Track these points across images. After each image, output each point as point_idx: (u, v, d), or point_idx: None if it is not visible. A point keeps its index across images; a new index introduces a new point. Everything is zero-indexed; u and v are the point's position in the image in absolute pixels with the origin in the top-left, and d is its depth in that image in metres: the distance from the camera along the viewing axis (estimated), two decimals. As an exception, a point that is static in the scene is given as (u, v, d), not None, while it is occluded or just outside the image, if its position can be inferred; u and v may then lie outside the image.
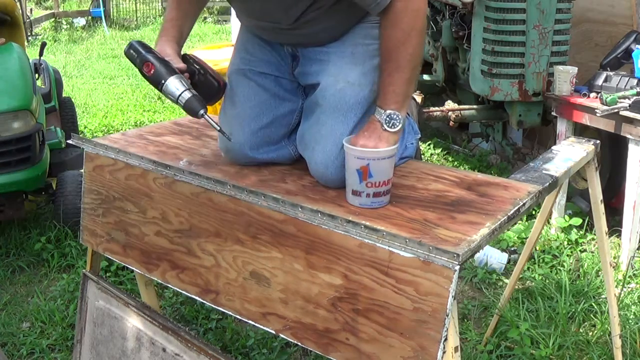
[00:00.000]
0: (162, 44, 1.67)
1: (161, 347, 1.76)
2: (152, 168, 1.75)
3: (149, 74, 1.57)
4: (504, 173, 3.95)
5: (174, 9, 1.73)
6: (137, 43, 1.62)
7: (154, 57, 1.59)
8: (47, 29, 10.31)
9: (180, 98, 1.55)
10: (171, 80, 1.56)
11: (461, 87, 4.18)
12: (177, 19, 1.72)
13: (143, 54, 1.59)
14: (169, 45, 1.66)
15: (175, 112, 5.72)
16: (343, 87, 1.56)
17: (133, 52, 1.61)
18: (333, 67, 1.58)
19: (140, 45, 1.61)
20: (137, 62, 1.60)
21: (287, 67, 1.70)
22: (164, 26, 1.72)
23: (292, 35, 1.63)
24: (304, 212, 1.44)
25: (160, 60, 1.59)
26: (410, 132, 1.82)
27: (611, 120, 3.01)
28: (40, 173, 3.11)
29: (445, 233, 1.32)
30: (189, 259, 1.68)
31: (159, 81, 1.56)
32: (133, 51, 1.61)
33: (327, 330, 1.41)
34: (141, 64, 1.58)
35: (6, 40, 3.63)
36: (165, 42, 1.67)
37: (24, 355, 2.48)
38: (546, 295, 2.76)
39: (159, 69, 1.57)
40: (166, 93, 1.56)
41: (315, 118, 1.59)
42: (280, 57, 1.70)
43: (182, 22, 1.72)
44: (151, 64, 1.57)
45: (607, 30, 3.79)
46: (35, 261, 3.17)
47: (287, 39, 1.65)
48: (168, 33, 1.70)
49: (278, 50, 1.70)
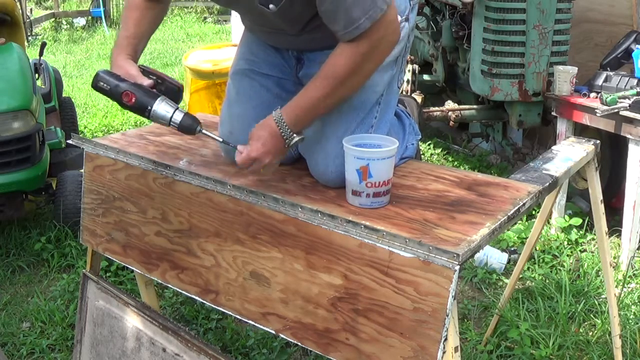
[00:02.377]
0: (122, 62, 1.59)
1: (161, 347, 1.76)
2: (152, 168, 1.75)
3: (130, 103, 1.49)
4: (504, 173, 3.95)
5: (133, 26, 1.65)
6: (104, 73, 1.53)
7: (128, 84, 1.50)
8: (47, 29, 10.30)
9: (173, 120, 1.50)
10: (157, 105, 1.49)
11: (461, 87, 4.18)
12: (134, 37, 1.64)
13: (116, 84, 1.50)
14: (129, 64, 1.58)
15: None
16: None
17: (104, 84, 1.51)
18: None
19: (108, 75, 1.52)
20: (113, 94, 1.50)
21: (291, 70, 1.70)
22: (120, 42, 1.63)
23: (297, 41, 1.62)
24: (304, 212, 1.44)
25: (137, 86, 1.51)
26: (411, 133, 1.82)
27: (611, 120, 3.01)
28: (40, 173, 3.11)
29: (445, 233, 1.32)
30: (189, 259, 1.68)
31: (145, 108, 1.49)
32: (104, 83, 1.51)
33: (327, 330, 1.41)
34: (119, 96, 1.49)
35: (6, 40, 3.63)
36: (124, 60, 1.59)
37: (24, 355, 2.48)
38: (546, 295, 2.76)
39: (141, 96, 1.49)
40: (155, 118, 1.50)
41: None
42: (284, 60, 1.70)
43: (138, 41, 1.65)
44: (130, 92, 1.49)
45: (607, 30, 3.79)
46: (35, 261, 3.16)
47: (292, 44, 1.65)
48: (125, 50, 1.62)
49: (282, 53, 1.69)
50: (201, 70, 4.25)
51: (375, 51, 1.43)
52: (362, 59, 1.42)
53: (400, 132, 1.78)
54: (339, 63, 1.43)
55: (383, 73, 1.60)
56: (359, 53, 1.41)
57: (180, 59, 6.52)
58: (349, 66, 1.42)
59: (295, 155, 1.71)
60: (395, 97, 1.70)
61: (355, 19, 1.36)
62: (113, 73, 1.53)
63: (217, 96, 4.19)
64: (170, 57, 8.13)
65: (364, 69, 1.45)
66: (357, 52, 1.41)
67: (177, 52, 8.29)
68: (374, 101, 1.59)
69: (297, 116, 1.47)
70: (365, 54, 1.41)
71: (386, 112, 1.65)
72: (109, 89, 1.50)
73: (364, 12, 1.36)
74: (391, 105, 1.68)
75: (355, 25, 1.37)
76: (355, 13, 1.36)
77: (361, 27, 1.37)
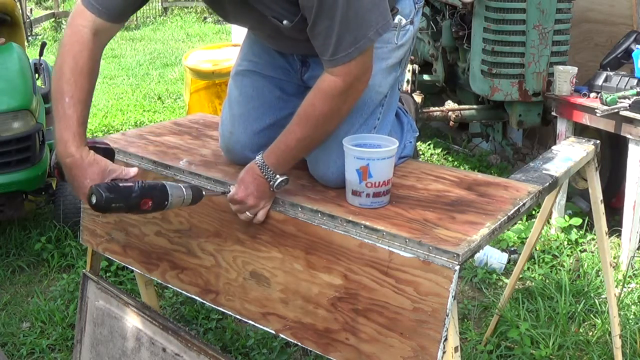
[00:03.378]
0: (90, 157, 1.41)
1: (161, 347, 1.76)
2: (152, 168, 1.75)
3: (149, 208, 1.38)
4: (504, 173, 3.95)
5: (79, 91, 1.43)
6: (104, 190, 1.33)
7: (136, 192, 1.35)
8: (47, 29, 10.30)
9: (185, 200, 1.43)
10: (172, 197, 1.40)
11: (461, 87, 4.18)
12: (83, 107, 1.44)
13: (129, 198, 1.35)
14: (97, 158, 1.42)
15: (175, 112, 5.72)
16: None
17: (115, 204, 1.33)
18: None
19: (109, 190, 1.33)
20: (132, 209, 1.36)
21: (295, 72, 1.69)
22: (70, 123, 1.41)
23: (302, 47, 1.62)
24: (304, 212, 1.44)
25: (143, 188, 1.37)
26: (409, 131, 1.81)
27: (611, 120, 3.01)
28: (40, 173, 3.11)
29: (445, 233, 1.32)
30: (189, 259, 1.68)
31: (163, 206, 1.40)
32: (114, 204, 1.33)
33: (327, 330, 1.41)
34: (137, 206, 1.36)
35: (6, 40, 3.63)
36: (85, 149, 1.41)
37: (24, 355, 2.48)
38: (546, 295, 2.76)
39: (156, 197, 1.38)
40: (172, 207, 1.42)
41: None
42: (288, 63, 1.69)
43: (83, 107, 1.45)
44: (146, 198, 1.36)
45: (607, 30, 3.79)
46: (35, 261, 3.16)
47: (299, 50, 1.64)
48: (81, 134, 1.43)
49: (286, 56, 1.68)
50: (201, 70, 4.25)
51: (351, 90, 1.41)
52: (340, 99, 1.41)
53: (399, 131, 1.77)
54: (317, 103, 1.42)
55: (387, 75, 1.60)
56: (337, 91, 1.40)
57: (180, 59, 6.52)
58: (328, 106, 1.41)
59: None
60: (397, 98, 1.70)
61: (345, 47, 1.35)
62: (110, 185, 1.35)
63: (217, 96, 4.19)
64: (170, 57, 8.14)
65: (341, 110, 1.44)
66: (335, 91, 1.39)
67: (177, 52, 8.30)
68: (377, 102, 1.59)
69: (278, 158, 1.46)
70: (343, 92, 1.40)
71: (388, 114, 1.65)
72: (121, 205, 1.35)
73: (354, 42, 1.35)
74: (393, 107, 1.68)
75: (344, 53, 1.36)
76: (346, 41, 1.35)
77: (349, 56, 1.36)
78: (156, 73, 7.38)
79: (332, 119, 1.45)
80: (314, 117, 1.43)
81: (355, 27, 1.35)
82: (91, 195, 1.33)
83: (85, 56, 1.45)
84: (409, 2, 1.64)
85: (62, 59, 1.45)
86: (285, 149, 1.46)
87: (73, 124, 1.42)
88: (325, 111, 1.42)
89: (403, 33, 1.62)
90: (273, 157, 1.47)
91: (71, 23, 1.47)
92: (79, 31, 1.46)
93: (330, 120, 1.45)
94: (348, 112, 1.47)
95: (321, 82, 1.42)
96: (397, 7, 1.60)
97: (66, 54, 1.45)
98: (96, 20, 1.46)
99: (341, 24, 1.34)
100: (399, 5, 1.61)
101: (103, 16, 1.46)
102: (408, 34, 1.63)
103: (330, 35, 1.35)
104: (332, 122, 1.46)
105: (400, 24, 1.60)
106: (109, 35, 1.51)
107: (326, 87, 1.41)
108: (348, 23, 1.34)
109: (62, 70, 1.44)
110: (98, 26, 1.46)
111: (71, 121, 1.42)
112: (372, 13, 1.37)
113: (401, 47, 1.62)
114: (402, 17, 1.61)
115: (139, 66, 7.84)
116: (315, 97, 1.43)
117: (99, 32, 1.47)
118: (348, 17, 1.34)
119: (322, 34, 1.37)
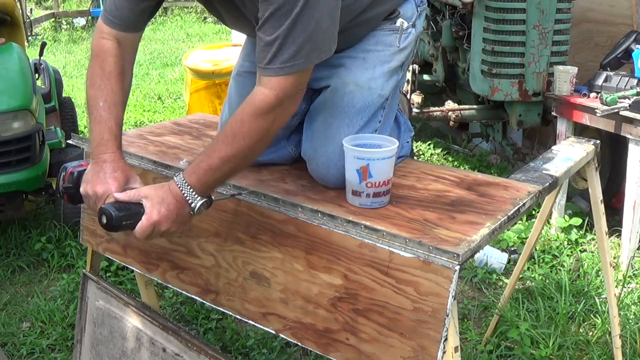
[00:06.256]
0: (122, 157, 1.48)
1: (161, 347, 1.76)
2: (152, 168, 1.75)
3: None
4: (504, 173, 3.95)
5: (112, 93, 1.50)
6: (114, 209, 1.33)
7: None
8: (47, 29, 10.30)
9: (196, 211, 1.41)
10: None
11: (461, 87, 4.18)
12: (114, 105, 1.50)
13: (138, 214, 1.35)
14: (126, 165, 1.47)
15: (175, 112, 5.72)
16: (352, 90, 1.55)
17: (125, 222, 1.35)
18: (344, 71, 1.57)
19: (118, 210, 1.34)
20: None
21: None
22: (109, 125, 1.47)
23: None
24: (304, 212, 1.44)
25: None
26: (406, 130, 1.81)
27: (611, 120, 3.01)
28: (40, 173, 3.11)
29: (445, 233, 1.32)
30: (189, 259, 1.68)
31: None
32: (125, 222, 1.34)
33: (327, 330, 1.41)
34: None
35: (6, 40, 3.63)
36: (120, 153, 1.48)
37: (24, 355, 2.48)
38: (546, 295, 2.76)
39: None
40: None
41: (321, 119, 1.58)
42: None
43: (119, 110, 1.52)
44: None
45: (607, 30, 3.79)
46: (35, 261, 3.17)
47: None
48: (119, 136, 1.49)
49: None
50: (201, 70, 4.25)
51: (281, 108, 1.35)
52: (270, 116, 1.34)
53: (397, 131, 1.77)
54: (247, 119, 1.34)
55: (389, 78, 1.59)
56: (268, 107, 1.33)
57: (180, 59, 6.52)
58: (257, 123, 1.34)
59: (294, 155, 1.71)
60: (397, 101, 1.70)
61: (286, 59, 1.30)
62: (119, 206, 1.35)
63: (217, 96, 4.19)
64: (170, 57, 8.14)
65: (270, 131, 1.37)
66: (267, 106, 1.33)
67: (177, 52, 8.30)
68: (379, 106, 1.58)
69: (199, 179, 1.37)
70: (273, 108, 1.34)
71: (389, 117, 1.65)
72: (134, 222, 1.36)
73: (296, 57, 1.31)
74: (393, 109, 1.68)
75: (281, 65, 1.31)
76: (287, 53, 1.30)
77: (285, 70, 1.31)
78: (156, 73, 7.38)
79: (260, 140, 1.36)
80: (241, 134, 1.34)
81: (302, 42, 1.30)
82: (101, 216, 1.35)
83: (111, 62, 1.52)
84: (411, 5, 1.63)
85: (92, 70, 1.53)
86: (207, 169, 1.36)
87: (112, 126, 1.48)
88: (254, 129, 1.34)
89: (405, 36, 1.61)
90: (194, 177, 1.37)
91: (95, 38, 1.56)
92: (102, 43, 1.54)
93: (258, 140, 1.36)
94: (275, 134, 1.39)
95: (252, 96, 1.35)
96: (399, 10, 1.60)
97: (94, 65, 1.53)
98: (115, 32, 1.53)
99: (289, 34, 1.29)
100: (401, 9, 1.60)
101: (120, 28, 1.53)
102: (410, 37, 1.62)
103: (274, 42, 1.30)
104: (261, 143, 1.38)
105: (402, 27, 1.59)
106: (131, 43, 1.57)
107: (257, 101, 1.34)
108: (296, 36, 1.29)
109: (93, 79, 1.52)
110: (118, 37, 1.54)
111: (110, 123, 1.48)
112: (325, 36, 1.34)
113: (403, 50, 1.61)
114: (404, 20, 1.60)
115: (139, 66, 7.83)
116: (244, 112, 1.35)
117: (121, 42, 1.54)
118: (298, 30, 1.29)
119: (267, 35, 1.31)
